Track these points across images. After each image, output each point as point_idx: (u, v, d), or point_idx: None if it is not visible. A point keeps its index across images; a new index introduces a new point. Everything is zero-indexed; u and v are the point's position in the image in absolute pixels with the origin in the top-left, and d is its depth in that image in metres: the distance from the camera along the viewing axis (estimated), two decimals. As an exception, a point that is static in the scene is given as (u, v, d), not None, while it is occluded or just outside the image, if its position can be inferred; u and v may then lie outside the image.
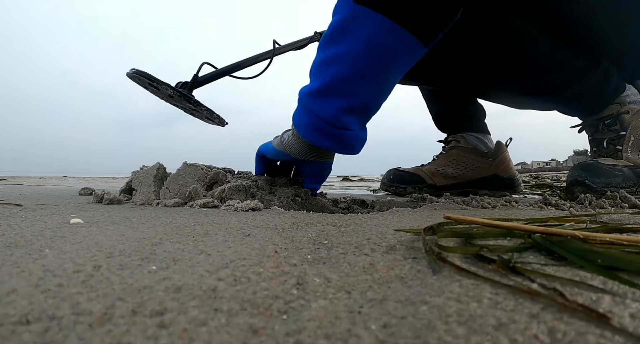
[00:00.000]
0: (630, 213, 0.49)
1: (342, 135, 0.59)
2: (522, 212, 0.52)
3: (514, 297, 0.18)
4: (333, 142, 0.59)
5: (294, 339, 0.14)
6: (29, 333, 0.14)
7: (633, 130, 0.76)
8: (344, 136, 0.59)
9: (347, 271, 0.22)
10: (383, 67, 0.54)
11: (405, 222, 0.41)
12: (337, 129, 0.58)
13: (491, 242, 0.28)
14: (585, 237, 0.24)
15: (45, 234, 0.33)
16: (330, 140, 0.59)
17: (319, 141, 0.60)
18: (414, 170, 0.97)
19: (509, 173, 0.94)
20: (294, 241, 0.30)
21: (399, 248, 0.28)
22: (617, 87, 0.76)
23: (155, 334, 0.14)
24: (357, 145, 0.62)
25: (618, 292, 0.18)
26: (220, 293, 0.18)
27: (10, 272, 0.21)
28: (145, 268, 0.22)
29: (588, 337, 0.14)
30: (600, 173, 0.69)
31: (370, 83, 0.56)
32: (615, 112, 0.77)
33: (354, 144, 0.61)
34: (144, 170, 0.70)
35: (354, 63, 0.54)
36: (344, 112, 0.57)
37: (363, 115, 0.60)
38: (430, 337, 0.14)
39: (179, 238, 0.31)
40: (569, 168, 0.81)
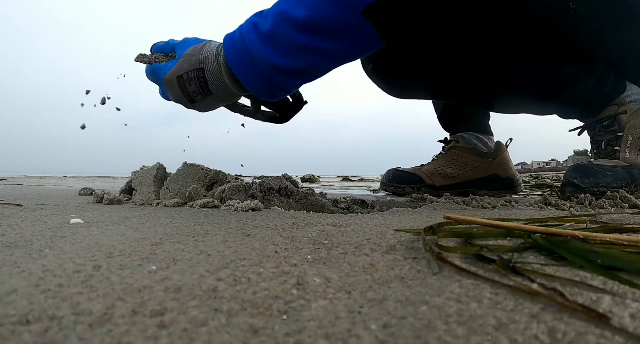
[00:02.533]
0: (630, 213, 0.49)
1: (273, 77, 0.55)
2: (522, 212, 0.52)
3: (514, 297, 0.18)
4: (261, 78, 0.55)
5: (294, 339, 0.14)
6: (29, 333, 0.14)
7: (631, 130, 0.76)
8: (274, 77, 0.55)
9: (347, 271, 0.22)
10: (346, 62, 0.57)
11: (405, 222, 0.41)
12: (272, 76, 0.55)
13: (491, 242, 0.28)
14: (585, 237, 0.24)
15: (45, 234, 0.33)
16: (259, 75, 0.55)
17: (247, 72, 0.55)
18: (413, 170, 0.97)
19: (509, 173, 0.94)
20: (294, 241, 0.30)
21: (399, 248, 0.28)
22: (613, 89, 0.77)
23: (155, 334, 0.14)
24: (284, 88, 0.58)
25: (618, 292, 0.18)
26: (220, 293, 0.18)
27: (10, 272, 0.21)
28: (145, 268, 0.22)
29: (588, 337, 0.14)
30: (590, 174, 0.71)
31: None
32: (613, 113, 0.77)
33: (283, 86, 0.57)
34: (144, 170, 0.70)
35: (334, 63, 0.55)
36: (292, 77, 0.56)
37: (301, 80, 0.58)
38: (430, 337, 0.14)
39: (179, 238, 0.31)
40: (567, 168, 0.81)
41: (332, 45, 0.52)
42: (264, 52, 0.52)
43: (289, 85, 0.56)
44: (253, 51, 0.53)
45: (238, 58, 0.55)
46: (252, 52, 0.53)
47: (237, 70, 0.55)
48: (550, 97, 0.75)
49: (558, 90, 0.73)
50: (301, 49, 0.52)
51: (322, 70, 0.56)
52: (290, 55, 0.52)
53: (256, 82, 0.55)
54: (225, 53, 0.56)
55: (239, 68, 0.55)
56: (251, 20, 0.55)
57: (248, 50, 0.53)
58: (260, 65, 0.53)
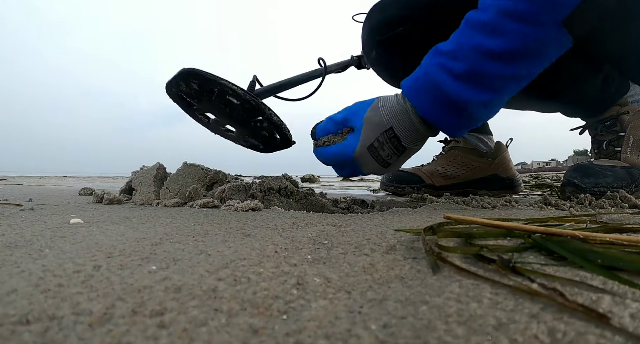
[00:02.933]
0: (630, 213, 0.49)
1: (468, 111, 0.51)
2: (522, 212, 0.52)
3: (514, 297, 0.18)
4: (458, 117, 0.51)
5: (294, 339, 0.14)
6: (29, 333, 0.14)
7: (632, 131, 0.76)
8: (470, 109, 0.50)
9: (347, 271, 0.22)
10: None
11: (405, 222, 0.41)
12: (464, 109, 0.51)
13: (491, 242, 0.28)
14: (585, 237, 0.24)
15: (45, 234, 0.33)
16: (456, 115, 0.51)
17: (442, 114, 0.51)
18: (413, 170, 0.97)
19: (509, 174, 0.94)
20: (294, 241, 0.30)
21: (399, 248, 0.28)
22: (618, 89, 0.77)
23: (155, 334, 0.14)
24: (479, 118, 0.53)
25: (618, 292, 0.18)
26: (220, 293, 0.18)
27: (10, 272, 0.21)
28: (145, 268, 0.22)
29: (588, 337, 0.14)
30: (590, 174, 0.71)
31: None
32: (615, 113, 0.78)
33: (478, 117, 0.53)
34: (144, 170, 0.70)
35: (526, 81, 0.51)
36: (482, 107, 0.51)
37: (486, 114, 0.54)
38: (430, 337, 0.14)
39: (179, 238, 0.31)
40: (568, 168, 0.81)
41: (534, 66, 0.49)
42: (465, 92, 0.49)
43: (486, 117, 0.53)
44: (451, 94, 0.49)
45: (431, 102, 0.51)
46: (451, 94, 0.49)
47: (432, 115, 0.52)
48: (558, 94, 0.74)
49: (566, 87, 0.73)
50: (509, 78, 0.49)
51: (516, 91, 0.52)
52: (494, 89, 0.49)
53: (454, 123, 0.52)
54: (412, 102, 0.52)
55: (435, 113, 0.51)
56: (436, 62, 0.51)
57: (445, 94, 0.50)
58: (461, 106, 0.50)
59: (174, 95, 0.61)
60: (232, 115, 0.60)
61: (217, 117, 0.63)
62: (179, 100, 0.62)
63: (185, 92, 0.58)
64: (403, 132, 0.54)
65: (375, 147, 0.55)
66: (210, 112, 0.63)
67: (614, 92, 0.77)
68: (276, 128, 0.61)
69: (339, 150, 0.57)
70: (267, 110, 0.57)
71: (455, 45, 0.50)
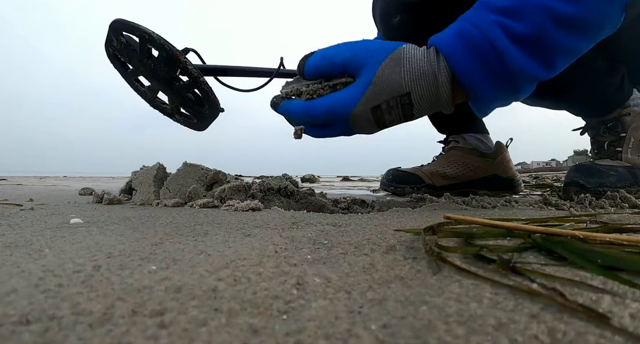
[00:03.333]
0: (630, 213, 0.49)
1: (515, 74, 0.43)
2: (522, 212, 0.52)
3: (514, 297, 0.18)
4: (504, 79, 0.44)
5: (294, 339, 0.14)
6: (29, 333, 0.14)
7: (633, 132, 0.77)
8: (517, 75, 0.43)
9: (347, 271, 0.22)
10: None
11: (405, 222, 0.41)
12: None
13: (491, 242, 0.28)
14: (585, 237, 0.24)
15: (45, 234, 0.33)
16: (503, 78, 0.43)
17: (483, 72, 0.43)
18: (413, 170, 0.97)
19: (509, 174, 0.94)
20: (294, 241, 0.30)
21: (399, 248, 0.28)
22: (628, 91, 0.77)
23: (155, 334, 0.14)
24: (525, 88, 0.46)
25: (618, 292, 0.18)
26: (220, 293, 0.18)
27: (10, 272, 0.21)
28: (145, 268, 0.22)
29: (588, 337, 0.14)
30: (594, 174, 0.71)
31: None
32: (617, 115, 0.78)
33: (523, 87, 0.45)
34: (144, 170, 0.70)
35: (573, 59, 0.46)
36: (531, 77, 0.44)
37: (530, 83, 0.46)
38: (430, 337, 0.14)
39: (179, 238, 0.31)
40: (568, 168, 0.81)
41: (589, 43, 0.44)
42: (521, 59, 0.42)
43: (522, 95, 0.47)
44: (507, 58, 0.42)
45: (478, 65, 0.43)
46: (506, 58, 0.42)
47: (472, 80, 0.44)
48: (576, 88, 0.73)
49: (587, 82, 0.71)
50: (565, 52, 0.43)
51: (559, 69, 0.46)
52: (551, 62, 0.43)
53: (491, 95, 0.45)
54: (452, 60, 0.43)
55: (477, 78, 0.43)
56: (494, 19, 0.43)
57: (499, 56, 0.42)
58: (511, 75, 0.43)
59: (112, 56, 0.59)
60: (156, 72, 0.56)
61: (147, 79, 0.60)
62: (117, 61, 0.59)
63: (118, 49, 0.56)
64: (422, 101, 0.45)
65: (382, 110, 0.46)
66: (142, 73, 0.59)
67: (626, 93, 0.77)
68: (196, 82, 0.56)
69: (331, 104, 0.46)
70: (182, 58, 0.53)
71: (517, 2, 0.42)
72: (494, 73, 0.43)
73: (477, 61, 0.43)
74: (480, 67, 0.43)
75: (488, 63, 0.43)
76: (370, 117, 0.47)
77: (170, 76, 0.56)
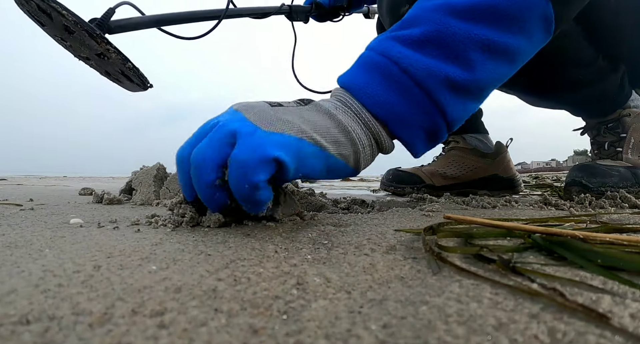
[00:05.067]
0: (630, 213, 0.49)
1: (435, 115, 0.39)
2: (522, 212, 0.52)
3: (514, 297, 0.18)
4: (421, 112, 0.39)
5: (294, 339, 0.14)
6: (29, 333, 0.14)
7: (634, 133, 0.77)
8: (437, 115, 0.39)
9: (347, 271, 0.22)
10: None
11: (405, 222, 0.41)
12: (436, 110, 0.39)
13: (491, 242, 0.28)
14: (585, 237, 0.24)
15: (45, 234, 0.33)
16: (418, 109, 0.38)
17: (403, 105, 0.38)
18: (413, 170, 0.97)
19: (509, 174, 0.94)
20: (294, 241, 0.30)
21: (399, 248, 0.28)
22: (628, 92, 0.78)
23: (155, 334, 0.14)
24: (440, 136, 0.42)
25: (618, 292, 0.18)
26: (220, 293, 0.18)
27: (10, 272, 0.21)
28: (145, 268, 0.22)
29: (588, 337, 0.14)
30: (596, 174, 0.71)
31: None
32: (618, 116, 0.78)
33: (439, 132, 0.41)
34: (144, 170, 0.70)
35: (510, 68, 0.41)
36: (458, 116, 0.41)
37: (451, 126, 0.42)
38: (430, 337, 0.14)
39: (179, 238, 0.31)
40: (568, 168, 0.81)
41: (511, 41, 0.39)
42: (427, 61, 0.37)
43: (458, 111, 0.40)
44: (409, 65, 0.37)
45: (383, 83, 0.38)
46: (409, 67, 0.37)
47: (383, 102, 0.38)
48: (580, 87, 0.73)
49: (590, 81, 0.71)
50: (476, 47, 0.38)
51: (498, 81, 0.42)
52: (463, 57, 0.38)
53: (416, 117, 0.39)
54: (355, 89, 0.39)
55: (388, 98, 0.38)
56: (385, 37, 0.40)
57: (400, 68, 0.38)
58: (423, 83, 0.37)
59: (27, 12, 0.51)
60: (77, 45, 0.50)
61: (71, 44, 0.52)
62: (31, 17, 0.51)
63: (30, 12, 0.49)
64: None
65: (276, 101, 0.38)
66: (59, 38, 0.52)
67: (626, 94, 0.78)
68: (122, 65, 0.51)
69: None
70: (104, 45, 0.48)
71: (412, 13, 0.40)
72: (399, 86, 0.38)
73: (379, 80, 0.38)
74: (384, 84, 0.38)
75: (390, 77, 0.38)
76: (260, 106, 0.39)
77: (94, 52, 0.50)
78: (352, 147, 0.37)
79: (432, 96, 0.38)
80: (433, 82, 0.37)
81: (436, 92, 0.38)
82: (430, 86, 0.37)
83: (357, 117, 0.38)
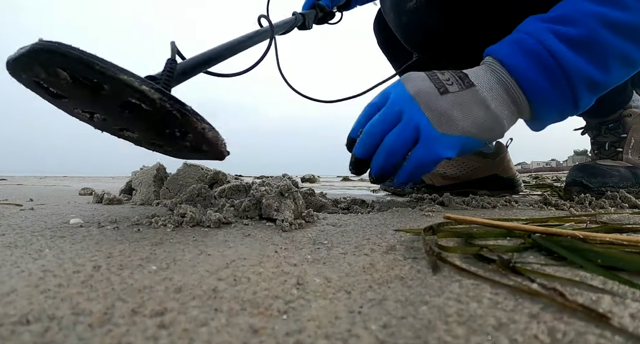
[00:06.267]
0: (630, 213, 0.49)
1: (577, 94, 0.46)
2: (522, 212, 0.52)
3: (514, 297, 0.18)
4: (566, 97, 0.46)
5: (294, 339, 0.14)
6: (29, 333, 0.14)
7: (634, 133, 0.77)
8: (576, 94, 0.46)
9: (347, 271, 0.22)
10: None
11: (405, 222, 0.41)
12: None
13: (491, 242, 0.28)
14: (585, 237, 0.24)
15: (45, 234, 0.33)
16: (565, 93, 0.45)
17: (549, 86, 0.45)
18: (413, 170, 0.97)
19: (509, 174, 0.94)
20: (294, 241, 0.30)
21: (399, 248, 0.28)
22: (629, 93, 0.78)
23: (155, 334, 0.14)
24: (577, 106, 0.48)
25: (618, 292, 0.18)
26: (220, 293, 0.18)
27: (10, 272, 0.21)
28: (145, 268, 0.22)
29: (588, 337, 0.14)
30: (597, 174, 0.71)
31: None
32: (619, 116, 0.79)
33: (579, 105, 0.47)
34: (144, 170, 0.70)
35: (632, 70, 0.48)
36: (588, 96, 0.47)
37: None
38: (430, 337, 0.14)
39: (179, 238, 0.31)
40: (568, 168, 0.82)
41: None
42: (576, 60, 0.44)
43: (585, 104, 0.48)
44: (563, 59, 0.44)
45: (539, 70, 0.45)
46: (562, 59, 0.44)
47: (535, 85, 0.45)
48: None
49: None
50: (619, 57, 0.45)
51: (616, 84, 0.48)
52: (605, 64, 0.45)
53: (554, 100, 0.46)
54: (514, 67, 0.46)
55: (540, 82, 0.45)
56: (546, 26, 0.45)
57: (555, 59, 0.44)
58: (569, 77, 0.44)
59: (28, 81, 0.34)
60: (135, 122, 0.37)
61: (107, 118, 0.38)
62: (37, 87, 0.35)
63: (47, 81, 0.33)
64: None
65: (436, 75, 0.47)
66: (94, 110, 0.38)
67: (627, 94, 0.78)
68: (206, 142, 0.37)
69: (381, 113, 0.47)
70: (199, 124, 0.34)
71: (568, 11, 0.45)
72: (552, 76, 0.45)
73: (536, 67, 0.45)
74: (540, 72, 0.45)
75: (547, 67, 0.44)
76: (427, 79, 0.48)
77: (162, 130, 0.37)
78: (499, 130, 0.47)
79: (575, 90, 0.45)
80: (579, 79, 0.45)
81: (578, 88, 0.45)
82: (576, 82, 0.45)
83: (511, 100, 0.47)
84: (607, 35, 0.44)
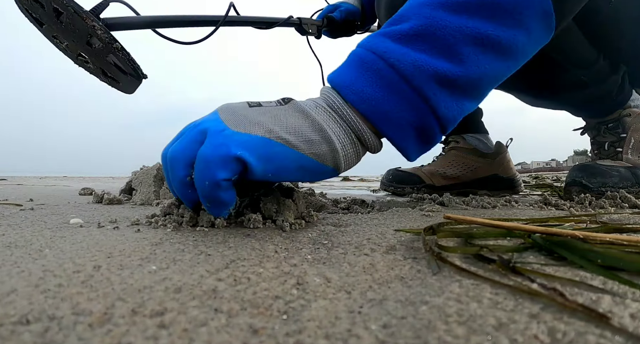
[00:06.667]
0: (630, 213, 0.49)
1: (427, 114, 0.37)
2: (522, 212, 0.52)
3: (514, 297, 0.18)
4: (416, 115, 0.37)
5: (294, 340, 0.14)
6: (29, 333, 0.14)
7: (634, 133, 0.77)
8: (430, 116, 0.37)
9: (347, 271, 0.22)
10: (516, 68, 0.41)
11: (405, 222, 0.41)
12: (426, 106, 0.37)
13: (491, 242, 0.28)
14: (585, 237, 0.24)
15: (45, 234, 0.33)
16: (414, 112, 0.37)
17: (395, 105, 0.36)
18: (413, 170, 0.97)
19: (509, 174, 0.94)
20: (294, 241, 0.30)
21: (399, 248, 0.28)
22: (628, 92, 0.78)
23: (155, 335, 0.14)
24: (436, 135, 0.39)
25: (618, 292, 0.18)
26: (220, 293, 0.18)
27: (10, 272, 0.21)
28: (145, 268, 0.22)
29: (588, 337, 0.14)
30: (596, 174, 0.71)
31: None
32: (618, 116, 0.79)
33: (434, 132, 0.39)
34: (144, 170, 0.70)
35: (509, 66, 0.39)
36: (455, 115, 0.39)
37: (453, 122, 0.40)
38: (430, 337, 0.14)
39: (179, 238, 0.31)
40: (568, 168, 0.82)
41: (506, 34, 0.37)
42: (414, 56, 0.36)
43: (451, 108, 0.38)
44: (395, 60, 0.36)
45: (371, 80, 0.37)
46: (394, 61, 0.36)
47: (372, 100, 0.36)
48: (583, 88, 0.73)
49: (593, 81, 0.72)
50: (467, 41, 0.36)
51: (493, 78, 0.39)
52: (454, 51, 0.36)
53: (404, 112, 0.37)
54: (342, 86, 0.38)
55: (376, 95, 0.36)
56: (373, 35, 0.39)
57: (386, 62, 0.36)
58: (411, 78, 0.36)
59: (24, 11, 0.51)
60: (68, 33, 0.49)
61: (63, 38, 0.51)
62: (30, 17, 0.51)
63: (27, 5, 0.48)
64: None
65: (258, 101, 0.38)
66: (56, 32, 0.51)
67: (626, 93, 0.78)
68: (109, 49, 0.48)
69: None
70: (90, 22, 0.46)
71: (402, 10, 0.39)
72: (385, 80, 0.36)
73: (364, 75, 0.37)
74: (369, 79, 0.37)
75: (377, 72, 0.37)
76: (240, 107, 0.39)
77: (83, 40, 0.48)
78: (328, 146, 0.35)
79: (421, 92, 0.36)
80: (421, 77, 0.36)
81: (424, 88, 0.36)
82: (417, 81, 0.36)
83: (337, 114, 0.37)
84: (449, 17, 0.36)
